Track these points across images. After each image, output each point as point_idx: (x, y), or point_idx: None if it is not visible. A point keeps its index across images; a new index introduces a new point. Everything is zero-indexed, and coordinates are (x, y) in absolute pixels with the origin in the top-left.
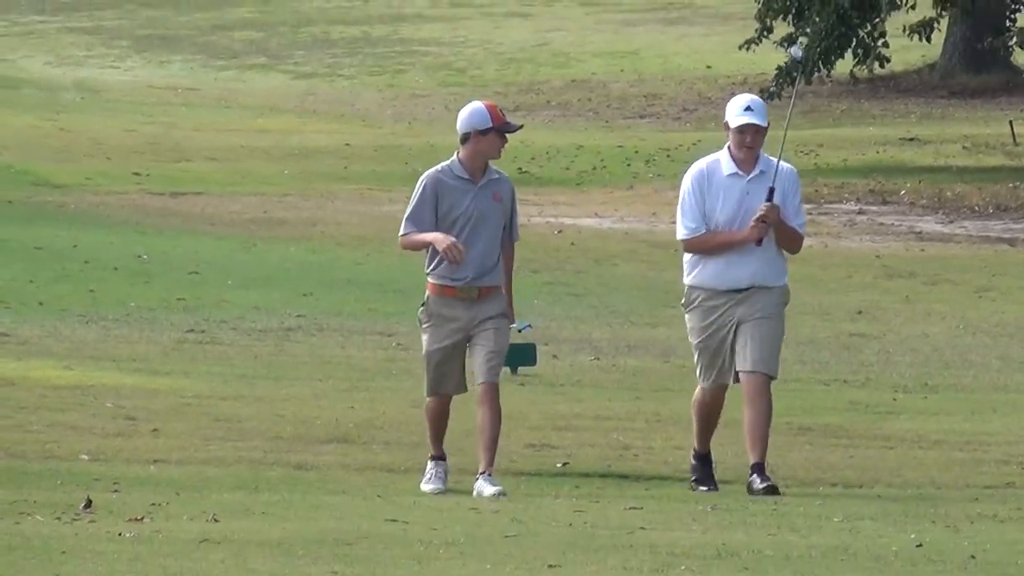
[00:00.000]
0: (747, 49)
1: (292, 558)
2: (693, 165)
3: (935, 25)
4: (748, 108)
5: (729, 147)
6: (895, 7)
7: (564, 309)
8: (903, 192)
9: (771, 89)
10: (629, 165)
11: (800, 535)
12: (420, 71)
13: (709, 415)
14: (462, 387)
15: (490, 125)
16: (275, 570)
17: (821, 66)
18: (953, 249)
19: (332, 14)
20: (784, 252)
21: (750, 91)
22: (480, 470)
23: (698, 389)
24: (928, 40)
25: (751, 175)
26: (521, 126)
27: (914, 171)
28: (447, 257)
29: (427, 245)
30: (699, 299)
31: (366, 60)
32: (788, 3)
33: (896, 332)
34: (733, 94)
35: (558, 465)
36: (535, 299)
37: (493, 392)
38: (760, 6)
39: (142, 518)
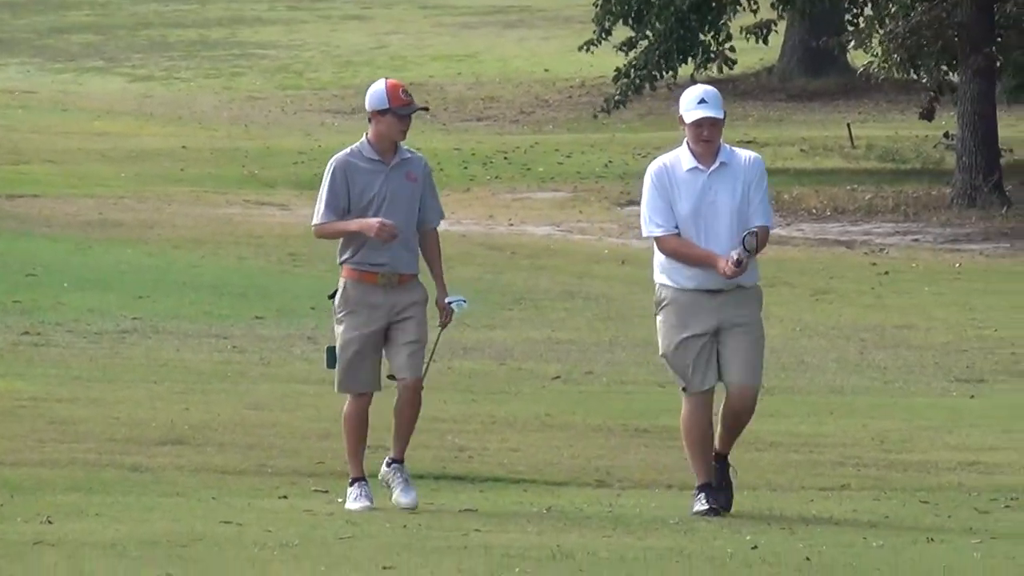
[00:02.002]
0: (586, 51)
1: (126, 560)
2: (653, 162)
3: (773, 27)
4: (702, 101)
5: (687, 142)
6: (735, 10)
7: None
8: None
9: (616, 97)
10: (466, 168)
11: (636, 537)
12: (257, 74)
13: (704, 436)
14: (377, 383)
15: (386, 106)
16: (109, 572)
17: (663, 71)
18: (791, 252)
19: (169, 17)
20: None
21: (588, 94)
22: (392, 456)
23: (684, 408)
24: (766, 42)
25: (711, 168)
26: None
27: None
28: (381, 238)
29: (354, 233)
30: (669, 296)
31: (203, 63)
32: (627, 7)
33: None
34: (570, 97)
35: None
36: None
37: (417, 386)
38: (598, 9)
39: None
